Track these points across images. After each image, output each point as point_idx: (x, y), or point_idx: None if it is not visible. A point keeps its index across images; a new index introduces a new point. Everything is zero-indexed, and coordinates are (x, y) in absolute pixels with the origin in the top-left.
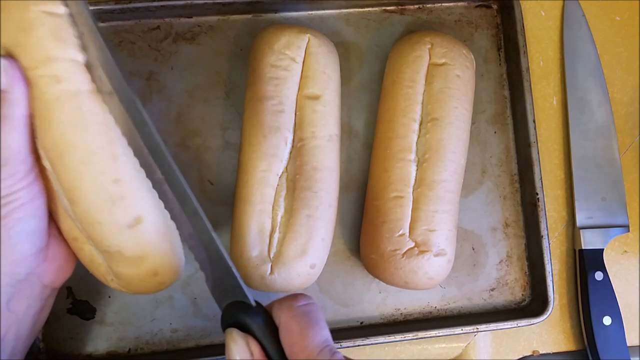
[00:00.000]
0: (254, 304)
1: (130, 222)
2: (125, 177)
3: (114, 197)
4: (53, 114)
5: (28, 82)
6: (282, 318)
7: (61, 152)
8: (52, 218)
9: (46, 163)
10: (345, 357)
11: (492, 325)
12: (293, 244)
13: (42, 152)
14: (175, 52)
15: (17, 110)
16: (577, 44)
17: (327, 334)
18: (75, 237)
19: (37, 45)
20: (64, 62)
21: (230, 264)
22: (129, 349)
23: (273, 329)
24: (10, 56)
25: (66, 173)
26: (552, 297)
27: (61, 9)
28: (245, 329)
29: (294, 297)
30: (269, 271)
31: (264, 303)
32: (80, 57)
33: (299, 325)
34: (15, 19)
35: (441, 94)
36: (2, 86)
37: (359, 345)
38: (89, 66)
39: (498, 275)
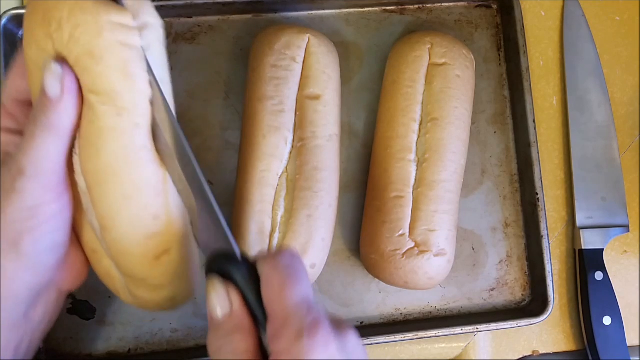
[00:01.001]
0: (239, 254)
1: (159, 254)
2: (164, 213)
3: (150, 233)
4: (104, 142)
5: (83, 100)
6: (264, 270)
7: (103, 181)
8: (73, 226)
9: (80, 180)
10: (327, 311)
11: (492, 325)
12: (293, 244)
13: (78, 169)
14: (175, 52)
15: (64, 122)
16: (577, 44)
17: (306, 290)
18: (95, 249)
19: (103, 76)
20: (129, 96)
21: (219, 212)
22: (129, 349)
23: (256, 281)
24: (68, 67)
25: (104, 201)
26: (552, 297)
27: (137, 41)
28: (228, 279)
29: (280, 250)
30: None
31: None
32: (147, 92)
33: (279, 278)
34: (85, 42)
35: (441, 94)
36: (52, 94)
37: None
38: (152, 103)
39: (498, 275)
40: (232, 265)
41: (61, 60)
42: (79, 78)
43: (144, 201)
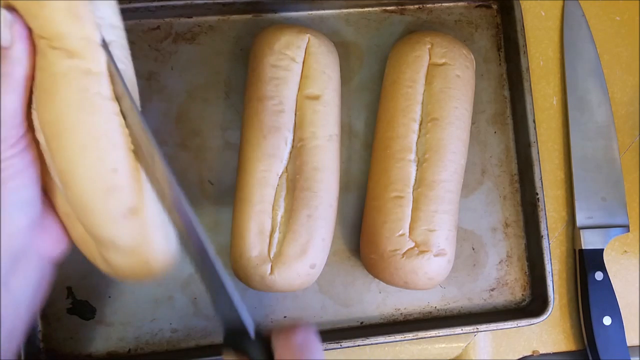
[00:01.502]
0: (253, 332)
1: (125, 213)
2: (124, 167)
3: (110, 187)
4: (58, 89)
5: (35, 48)
6: (278, 348)
7: (60, 131)
8: (45, 190)
9: (40, 137)
10: None
11: (492, 325)
12: (293, 244)
13: (37, 125)
14: (175, 52)
15: (18, 70)
16: (577, 44)
17: None
18: (67, 213)
19: (50, 19)
20: (79, 40)
21: (232, 295)
22: (129, 349)
23: (271, 357)
24: (18, 14)
25: (62, 154)
26: (552, 297)
27: None
28: (244, 353)
29: (293, 329)
30: (269, 271)
31: (265, 302)
32: (96, 36)
33: (292, 357)
34: None
35: (441, 94)
36: (2, 42)
37: (359, 345)
38: (105, 47)
39: (498, 275)
40: (246, 342)
41: (10, 8)
42: (30, 25)
43: (100, 152)
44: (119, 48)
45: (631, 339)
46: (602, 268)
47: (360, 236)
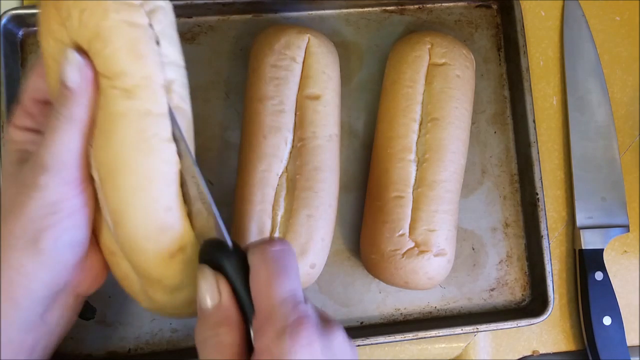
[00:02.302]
0: (230, 244)
1: (175, 252)
2: (177, 206)
3: (163, 227)
4: (116, 129)
5: (98, 88)
6: (253, 261)
7: (115, 171)
8: (92, 226)
9: (95, 175)
10: (315, 308)
11: (492, 325)
12: (293, 244)
13: (93, 163)
14: None
15: (83, 113)
16: (577, 44)
17: (294, 284)
18: (113, 251)
19: (112, 57)
20: (139, 79)
21: (211, 200)
22: (129, 349)
23: (247, 272)
24: (86, 56)
25: (115, 193)
26: (552, 297)
27: (144, 20)
28: (219, 269)
29: (270, 240)
30: None
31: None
32: (158, 76)
33: (266, 271)
34: (92, 25)
35: (441, 94)
36: (72, 84)
37: (359, 345)
38: (167, 88)
39: (498, 275)
40: (223, 255)
41: (78, 48)
42: (94, 64)
43: (155, 192)
44: (180, 87)
45: (631, 339)
46: (602, 268)
47: (360, 236)
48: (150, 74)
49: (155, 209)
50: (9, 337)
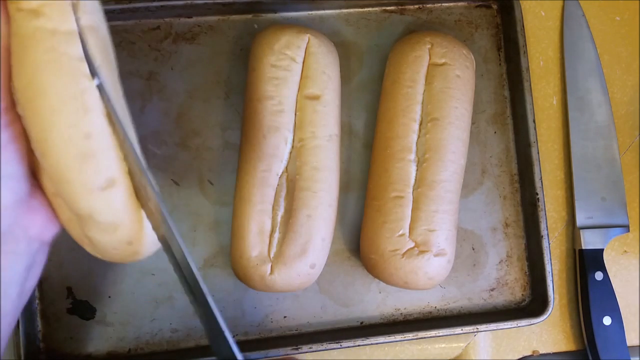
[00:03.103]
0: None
1: (102, 184)
2: (98, 133)
3: (84, 154)
4: (26, 52)
5: (8, 16)
6: None
7: (32, 97)
8: (34, 171)
9: (19, 109)
10: None
11: (492, 325)
12: (293, 244)
13: (16, 97)
14: (175, 52)
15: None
16: (577, 44)
17: None
18: (53, 192)
19: None
20: None
21: (224, 328)
22: (129, 349)
23: None
24: None
25: (36, 121)
26: (552, 297)
27: None
28: None
29: None
30: (269, 271)
31: (265, 302)
32: None
33: None
34: None
35: (441, 94)
36: None
37: (359, 345)
38: (75, 7)
39: (498, 275)
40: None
41: None
42: None
43: (70, 116)
44: (91, 6)
45: (631, 339)
46: (602, 268)
47: (360, 236)
48: None
49: (73, 134)
50: None
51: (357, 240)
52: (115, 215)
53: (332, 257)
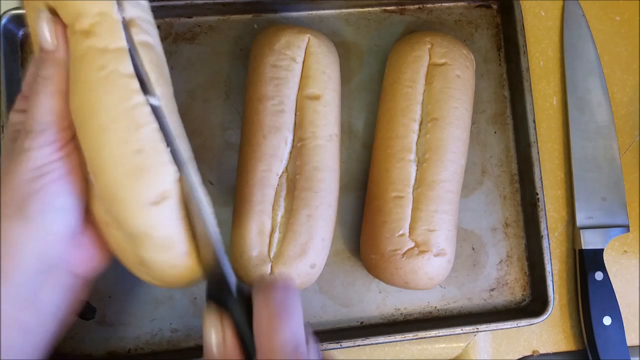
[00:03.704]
0: (234, 287)
1: (156, 199)
2: (149, 148)
3: (136, 170)
4: (79, 72)
5: (67, 42)
6: (256, 303)
7: (84, 117)
8: (87, 204)
9: (77, 135)
10: (318, 349)
11: (492, 325)
12: (293, 244)
13: (74, 122)
14: (175, 52)
15: (57, 70)
16: (577, 44)
17: (295, 327)
18: (106, 222)
19: (69, 2)
20: (95, 16)
21: (218, 250)
22: (129, 349)
23: (250, 311)
24: (54, 13)
25: (88, 142)
26: (552, 297)
27: None
28: (225, 308)
29: (273, 282)
30: (269, 271)
31: None
32: (113, 10)
33: (268, 314)
34: None
35: (441, 94)
36: (47, 45)
37: (359, 345)
38: (128, 24)
39: (498, 275)
40: (228, 296)
41: (51, 10)
42: (60, 17)
43: (120, 133)
44: (144, 23)
45: (631, 339)
46: (602, 268)
47: (360, 236)
48: (105, 10)
49: (124, 151)
50: (1, 311)
51: (357, 240)
52: (169, 229)
53: (332, 257)
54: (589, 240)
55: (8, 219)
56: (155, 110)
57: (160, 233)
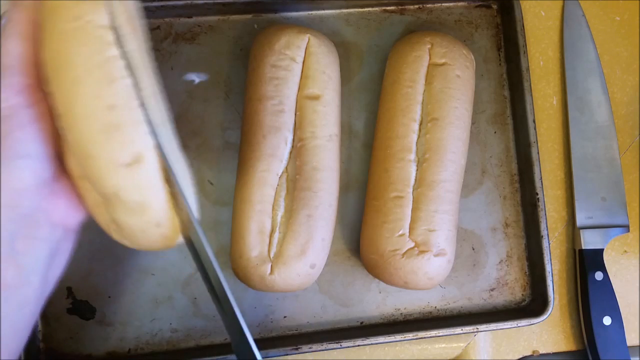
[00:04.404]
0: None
1: (128, 160)
2: (122, 104)
3: (108, 127)
4: (52, 21)
5: None
6: None
7: (56, 67)
8: (60, 155)
9: (48, 87)
10: None
11: (492, 325)
12: (293, 244)
13: (44, 73)
14: (175, 52)
15: (25, 15)
16: (577, 44)
17: None
18: (79, 175)
19: None
20: None
21: (246, 331)
22: (129, 349)
23: None
24: None
25: (61, 93)
26: (552, 297)
27: None
28: None
29: None
30: (269, 271)
31: (265, 302)
32: None
33: None
34: None
35: (441, 94)
36: None
37: (359, 345)
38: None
39: (498, 275)
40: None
41: None
42: None
43: (94, 87)
44: None
45: (631, 339)
46: (602, 268)
47: (360, 236)
48: None
49: (96, 105)
50: None
51: (357, 240)
52: (142, 194)
53: (332, 257)
54: (589, 240)
55: None
56: (131, 66)
57: (131, 196)
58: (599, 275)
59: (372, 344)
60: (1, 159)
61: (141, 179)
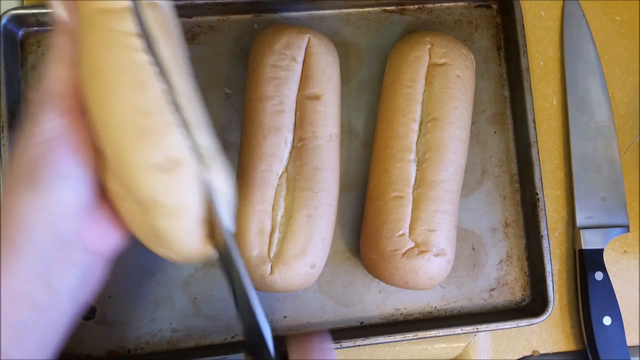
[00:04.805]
0: (272, 347)
1: (164, 164)
2: (154, 109)
3: (140, 131)
4: (85, 35)
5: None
6: (293, 355)
7: (92, 82)
8: (102, 182)
9: (87, 104)
10: None
11: (492, 325)
12: (293, 244)
13: (85, 88)
14: None
15: (66, 40)
16: (577, 44)
17: None
18: (119, 194)
19: None
20: None
21: (256, 308)
22: (129, 349)
23: None
24: None
25: (97, 107)
26: (552, 297)
27: None
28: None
29: (309, 334)
30: (269, 271)
31: (265, 302)
32: None
33: None
34: None
35: (441, 94)
36: (58, 14)
37: (359, 345)
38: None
39: (498, 275)
40: (265, 352)
41: None
42: None
43: (126, 93)
44: None
45: (631, 339)
46: (602, 268)
47: (360, 236)
48: None
49: (129, 112)
50: (12, 287)
51: (357, 240)
52: (181, 195)
53: (332, 257)
54: (589, 240)
55: (18, 189)
56: (163, 71)
57: (169, 201)
58: (599, 275)
59: (372, 344)
60: (43, 181)
61: (179, 182)
